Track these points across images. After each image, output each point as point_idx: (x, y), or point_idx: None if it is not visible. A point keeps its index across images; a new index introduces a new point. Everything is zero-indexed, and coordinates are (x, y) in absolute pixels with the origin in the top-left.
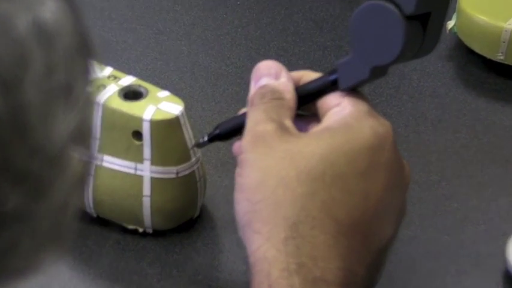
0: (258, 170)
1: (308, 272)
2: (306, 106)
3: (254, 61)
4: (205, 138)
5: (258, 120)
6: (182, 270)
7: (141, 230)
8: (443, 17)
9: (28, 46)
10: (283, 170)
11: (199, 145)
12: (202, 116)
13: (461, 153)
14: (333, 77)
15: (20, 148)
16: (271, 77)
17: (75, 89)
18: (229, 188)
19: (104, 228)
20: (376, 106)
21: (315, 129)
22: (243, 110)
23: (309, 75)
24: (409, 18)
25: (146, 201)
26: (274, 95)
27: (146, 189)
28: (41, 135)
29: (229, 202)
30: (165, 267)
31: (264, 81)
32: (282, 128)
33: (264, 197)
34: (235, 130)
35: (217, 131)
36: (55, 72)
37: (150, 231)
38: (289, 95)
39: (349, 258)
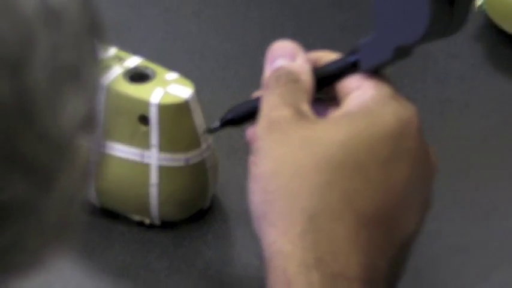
0: (272, 158)
1: (327, 267)
2: (324, 90)
3: (268, 41)
4: (217, 124)
5: (273, 105)
6: (192, 265)
7: (147, 221)
8: None
9: (34, 26)
10: (300, 158)
11: (210, 131)
12: (212, 100)
13: (490, 139)
14: (353, 57)
15: (27, 135)
16: (287, 58)
17: (84, 72)
18: (242, 176)
19: (108, 219)
20: (399, 90)
21: (334, 114)
22: (257, 94)
23: (327, 56)
24: None
25: (153, 191)
26: (290, 78)
27: (153, 178)
28: (49, 121)
29: (243, 192)
30: (174, 262)
31: (279, 62)
32: (299, 113)
33: (279, 187)
34: (248, 114)
35: (229, 116)
36: (62, 53)
37: (158, 222)
38: (306, 77)
39: (370, 252)
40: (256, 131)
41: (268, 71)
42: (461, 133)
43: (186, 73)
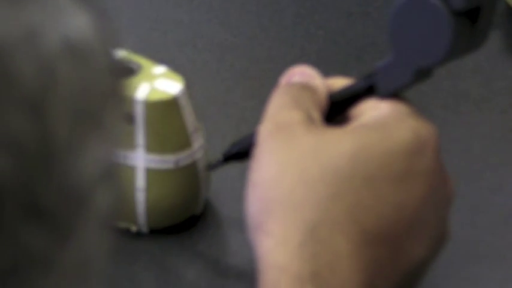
0: (276, 164)
1: (324, 283)
2: (337, 119)
3: (266, 31)
4: (220, 159)
5: (282, 106)
6: (182, 276)
7: (134, 229)
8: (493, 9)
9: (57, 65)
10: (306, 166)
11: (212, 167)
12: (205, 96)
13: (509, 137)
14: (369, 81)
15: (45, 183)
16: (305, 78)
17: (106, 117)
18: (238, 180)
19: None
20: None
21: (347, 126)
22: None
23: (341, 82)
24: (456, 14)
25: (140, 196)
26: (305, 87)
27: (140, 182)
28: (69, 169)
29: (237, 196)
30: (162, 273)
31: (297, 79)
32: (309, 119)
33: (280, 196)
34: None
35: (234, 150)
36: (85, 95)
37: (145, 230)
38: (322, 93)
39: (372, 273)
40: (259, 134)
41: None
42: (478, 131)
43: (176, 66)
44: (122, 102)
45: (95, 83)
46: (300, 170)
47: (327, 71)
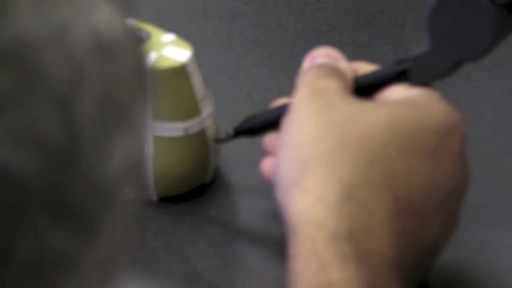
0: (315, 125)
1: (359, 242)
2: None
3: None
4: (231, 133)
5: (318, 76)
6: (192, 244)
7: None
8: None
9: (85, 62)
10: (344, 130)
11: (220, 140)
12: (215, 64)
13: None
14: (401, 67)
15: (72, 180)
16: (330, 59)
17: (133, 114)
18: (248, 148)
19: None
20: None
21: (381, 101)
22: (279, 101)
23: (365, 68)
24: (498, 6)
25: (149, 164)
26: (333, 69)
27: (148, 150)
28: (96, 165)
29: (247, 164)
30: (173, 241)
31: (322, 60)
32: (345, 89)
33: (319, 155)
34: (268, 125)
35: (247, 125)
36: (113, 93)
37: (155, 199)
38: (349, 75)
39: (401, 241)
40: (294, 101)
41: (307, 67)
42: (488, 96)
43: (186, 35)
44: (148, 96)
45: (123, 79)
46: (339, 133)
47: (337, 39)
